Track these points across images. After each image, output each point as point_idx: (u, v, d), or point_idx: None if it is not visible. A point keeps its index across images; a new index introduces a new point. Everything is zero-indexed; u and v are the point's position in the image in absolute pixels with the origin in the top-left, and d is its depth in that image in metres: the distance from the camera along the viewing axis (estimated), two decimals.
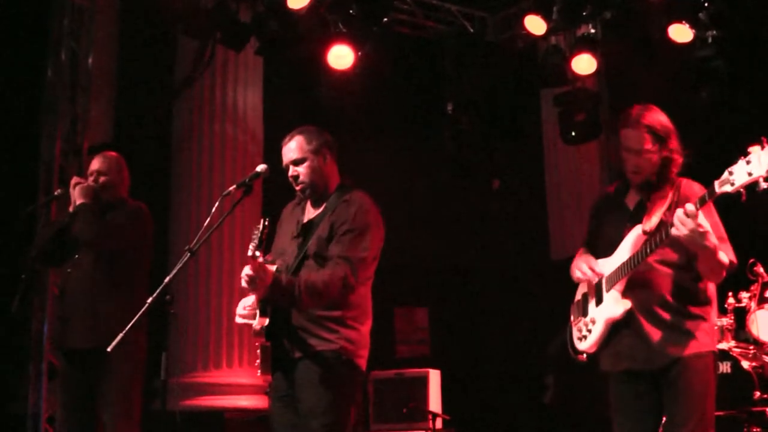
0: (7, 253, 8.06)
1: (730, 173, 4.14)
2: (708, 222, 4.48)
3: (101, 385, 6.19)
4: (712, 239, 4.43)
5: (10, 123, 9.52)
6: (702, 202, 4.34)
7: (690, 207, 4.34)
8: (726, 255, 4.61)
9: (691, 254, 4.61)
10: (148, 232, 6.53)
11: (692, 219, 4.33)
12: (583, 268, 4.98)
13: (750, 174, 4.04)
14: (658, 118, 4.85)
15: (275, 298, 4.97)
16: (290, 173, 5.30)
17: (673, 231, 4.39)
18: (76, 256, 6.37)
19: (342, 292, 5.00)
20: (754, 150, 4.04)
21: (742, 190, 4.10)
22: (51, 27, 9.72)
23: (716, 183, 4.23)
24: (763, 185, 4.00)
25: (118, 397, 6.18)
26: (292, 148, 5.28)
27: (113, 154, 6.69)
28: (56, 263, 6.60)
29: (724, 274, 4.65)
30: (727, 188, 4.16)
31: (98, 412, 6.23)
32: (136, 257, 6.44)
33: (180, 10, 9.37)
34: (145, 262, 6.50)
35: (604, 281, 4.90)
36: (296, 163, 5.27)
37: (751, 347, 7.53)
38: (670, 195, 4.77)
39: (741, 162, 4.09)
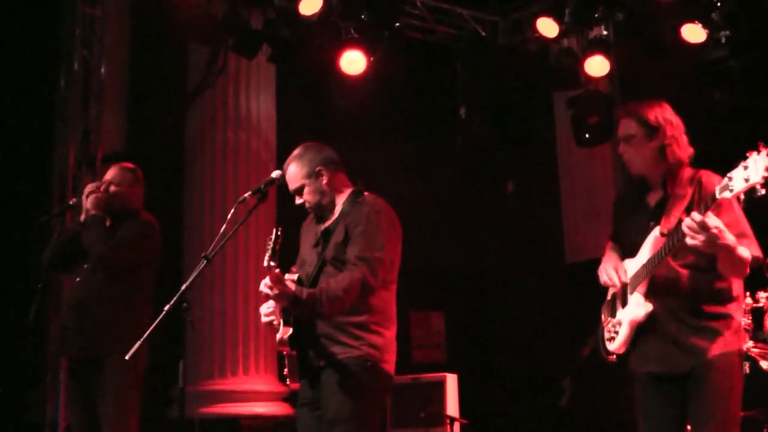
0: (22, 263, 8.08)
1: (729, 179, 4.14)
2: (727, 219, 4.46)
3: (100, 395, 6.22)
4: (728, 238, 4.39)
5: (24, 133, 9.54)
6: (705, 208, 4.33)
7: (696, 216, 4.32)
8: (749, 250, 4.57)
9: (711, 255, 4.57)
10: (157, 248, 6.56)
11: (701, 226, 4.31)
12: (611, 274, 4.96)
13: (747, 180, 4.03)
14: (656, 109, 4.85)
15: (298, 312, 4.98)
16: (296, 201, 5.36)
17: (687, 241, 4.37)
18: (84, 266, 6.40)
19: (363, 293, 4.99)
20: (752, 156, 4.03)
21: (741, 195, 4.10)
22: (63, 36, 9.74)
23: (717, 189, 4.23)
24: (761, 191, 4.00)
25: (115, 407, 6.19)
26: (290, 178, 5.33)
27: (130, 165, 6.72)
28: (66, 269, 6.63)
29: (747, 270, 4.61)
30: (727, 194, 4.16)
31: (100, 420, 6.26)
32: (142, 271, 6.47)
33: (191, 18, 9.39)
34: (151, 276, 6.53)
35: (628, 283, 4.89)
36: (297, 192, 5.32)
37: None
38: (689, 193, 4.74)
39: (739, 167, 4.08)
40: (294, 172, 5.30)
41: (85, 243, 6.38)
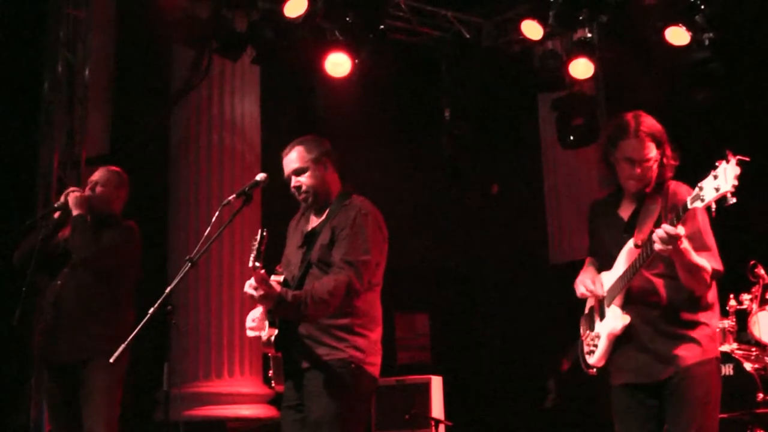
0: (7, 266, 8.05)
1: (700, 189, 4.19)
2: (690, 230, 4.49)
3: (83, 395, 6.23)
4: (684, 244, 4.42)
5: (8, 135, 9.50)
6: (677, 218, 4.37)
7: (668, 227, 4.35)
8: (709, 262, 4.60)
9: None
10: (137, 253, 6.59)
11: (671, 237, 4.34)
12: (587, 284, 4.98)
13: (717, 189, 4.09)
14: (654, 124, 4.83)
15: (282, 314, 4.98)
16: (293, 184, 5.31)
17: (656, 247, 4.40)
18: (65, 269, 6.39)
19: (348, 297, 4.99)
20: (721, 165, 4.08)
21: (712, 204, 4.13)
22: (47, 38, 9.72)
23: (688, 199, 4.28)
24: (731, 200, 4.04)
25: (100, 407, 6.20)
26: (293, 158, 5.28)
27: (116, 168, 6.74)
28: (49, 273, 6.59)
29: (709, 280, 4.64)
30: (698, 204, 4.21)
31: (83, 423, 6.26)
32: (124, 274, 6.50)
33: (176, 20, 9.37)
34: (132, 279, 6.56)
35: (605, 295, 4.91)
36: (298, 173, 5.28)
37: (754, 349, 7.53)
38: (660, 203, 4.77)
39: (709, 177, 4.14)
40: (301, 152, 5.28)
41: (69, 245, 6.37)
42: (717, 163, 4.10)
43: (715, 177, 4.10)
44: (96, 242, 6.32)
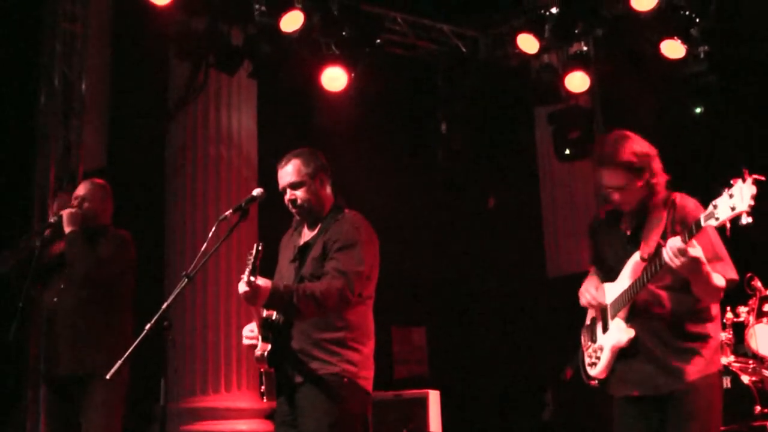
0: (3, 281, 8.04)
1: (714, 207, 4.15)
2: (704, 241, 4.48)
3: (84, 411, 6.23)
4: (706, 269, 4.44)
5: (4, 149, 9.49)
6: (690, 235, 4.35)
7: (678, 242, 4.34)
8: (724, 274, 4.61)
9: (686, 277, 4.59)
10: (133, 261, 6.62)
11: (681, 252, 4.33)
12: (592, 292, 4.99)
13: (733, 208, 4.05)
14: (633, 148, 4.79)
15: (274, 305, 4.97)
16: (288, 197, 5.31)
17: (670, 263, 4.40)
18: (62, 285, 6.39)
19: (339, 304, 5.00)
20: (737, 184, 4.05)
21: (727, 224, 4.11)
22: (43, 53, 9.71)
23: (702, 216, 4.25)
24: (747, 219, 4.01)
25: (101, 423, 6.19)
26: (290, 171, 5.28)
27: (99, 181, 6.80)
28: (43, 285, 6.59)
29: (722, 294, 4.65)
30: (712, 222, 4.18)
31: None
32: (120, 285, 6.52)
33: (173, 34, 9.38)
34: (129, 289, 6.59)
35: (609, 308, 4.92)
36: (294, 186, 5.28)
37: (751, 362, 7.52)
38: (665, 216, 4.76)
39: (724, 195, 4.10)
40: (298, 166, 5.28)
41: (66, 260, 6.39)
42: (732, 182, 4.06)
43: (731, 196, 4.05)
44: (93, 255, 6.34)
